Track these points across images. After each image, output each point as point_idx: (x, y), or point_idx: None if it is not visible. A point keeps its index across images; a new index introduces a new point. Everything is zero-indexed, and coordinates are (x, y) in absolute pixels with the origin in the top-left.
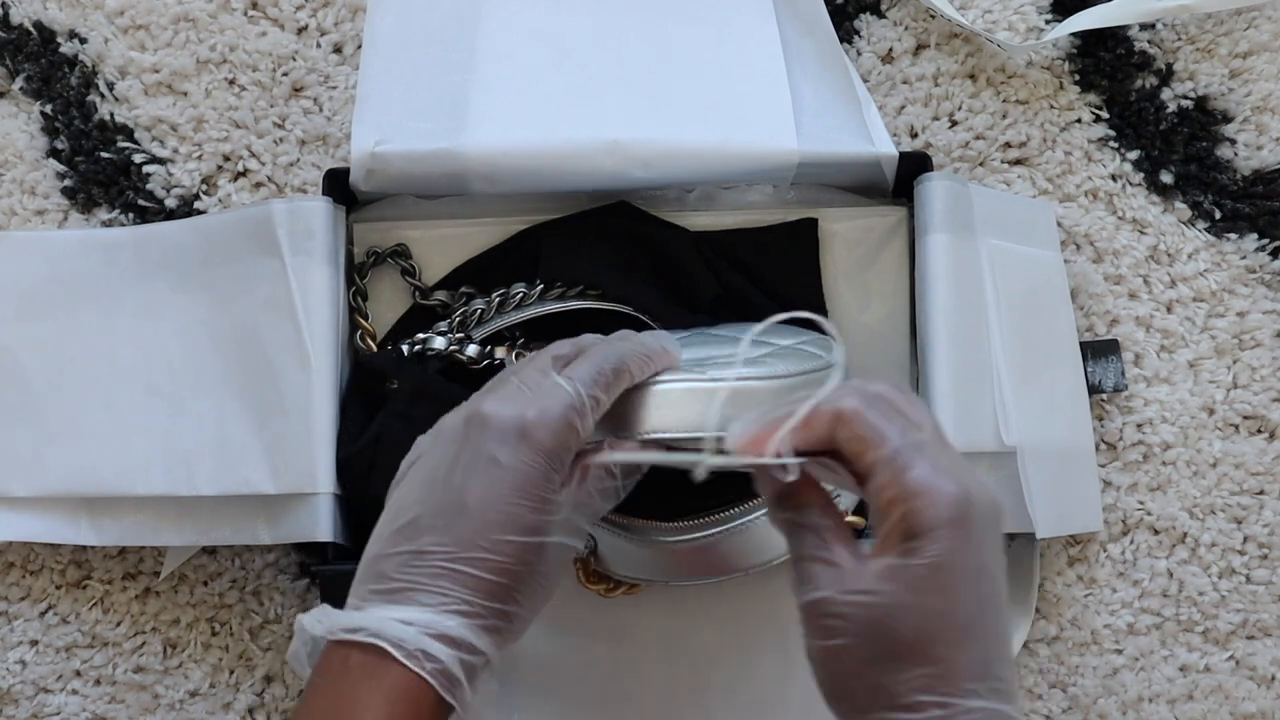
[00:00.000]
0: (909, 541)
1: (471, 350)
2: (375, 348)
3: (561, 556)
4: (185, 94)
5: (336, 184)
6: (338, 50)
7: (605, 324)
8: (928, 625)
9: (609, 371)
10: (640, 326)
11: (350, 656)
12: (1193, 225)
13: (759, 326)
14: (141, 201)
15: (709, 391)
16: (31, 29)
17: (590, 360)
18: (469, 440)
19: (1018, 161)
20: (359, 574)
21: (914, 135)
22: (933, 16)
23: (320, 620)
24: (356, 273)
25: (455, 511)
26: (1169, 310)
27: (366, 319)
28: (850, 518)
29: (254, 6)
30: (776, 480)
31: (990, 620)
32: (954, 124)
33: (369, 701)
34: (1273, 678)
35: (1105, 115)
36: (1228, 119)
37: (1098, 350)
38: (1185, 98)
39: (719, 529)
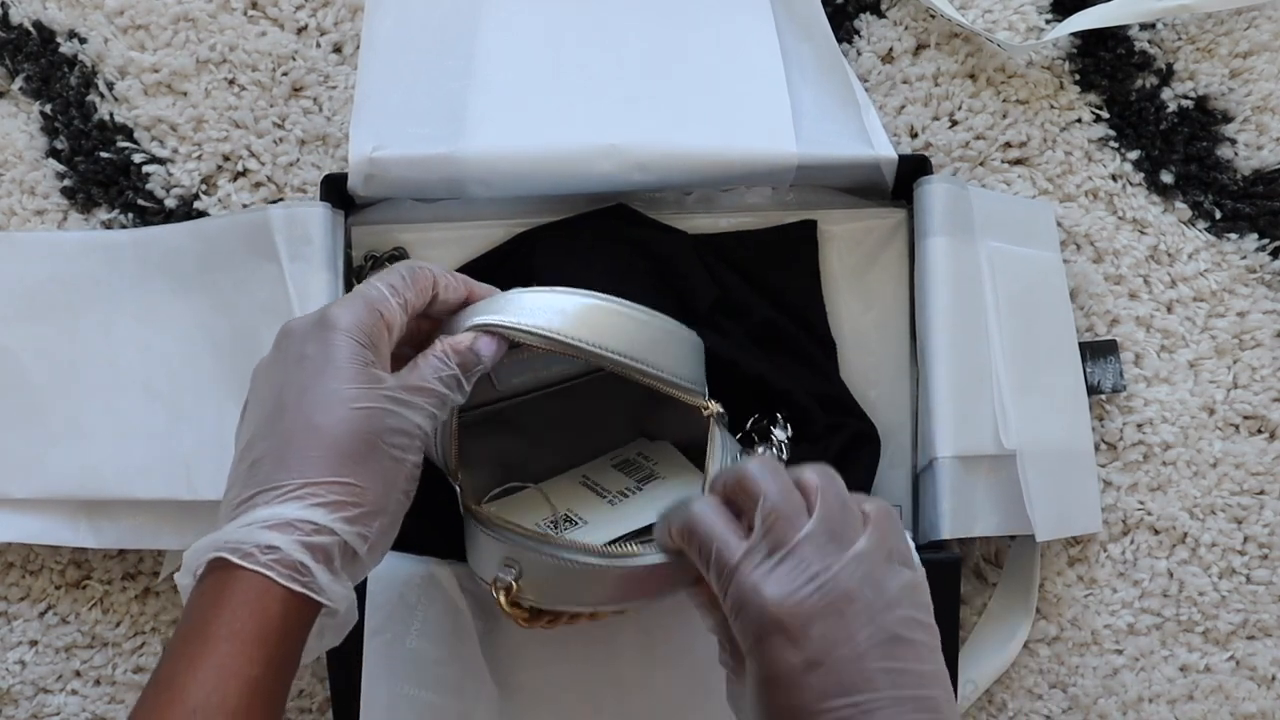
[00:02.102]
0: (749, 655)
1: None
2: None
3: (410, 435)
4: (185, 94)
5: (334, 189)
6: (337, 50)
7: None
8: (778, 709)
9: (405, 269)
10: None
11: (205, 579)
12: (1193, 225)
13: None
14: (141, 201)
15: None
16: (31, 29)
17: (392, 269)
18: (279, 350)
19: (1018, 161)
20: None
21: (914, 135)
22: (933, 16)
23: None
24: (355, 276)
25: (277, 414)
26: (1169, 310)
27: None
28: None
29: (254, 6)
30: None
31: (842, 701)
32: (954, 124)
33: (217, 614)
34: (1273, 678)
35: (1105, 115)
36: (1228, 119)
37: (1097, 351)
38: (1185, 98)
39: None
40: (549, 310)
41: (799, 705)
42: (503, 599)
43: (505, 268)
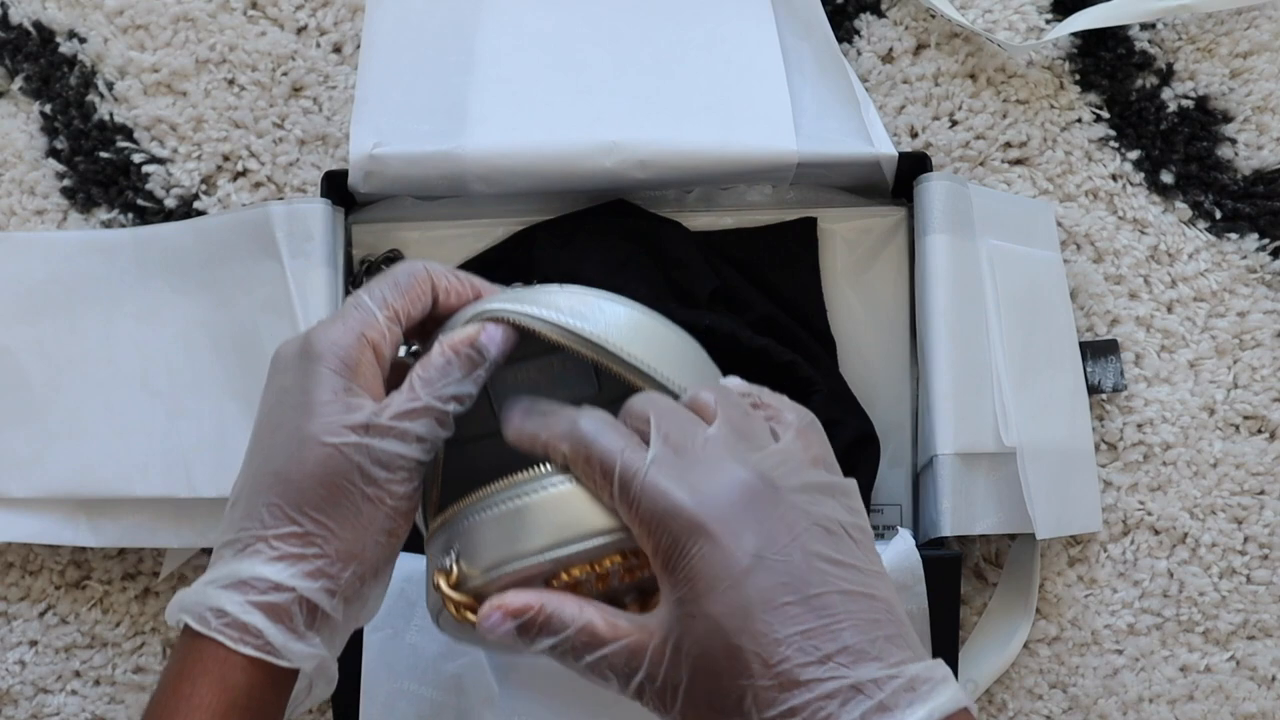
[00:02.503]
0: (667, 572)
1: None
2: None
3: (393, 468)
4: (185, 94)
5: (335, 186)
6: (337, 50)
7: None
8: (721, 651)
9: (399, 275)
10: None
11: (178, 641)
12: (1193, 225)
13: None
14: (141, 201)
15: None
16: (31, 29)
17: (385, 275)
18: (268, 379)
19: (1018, 161)
20: None
21: (914, 135)
22: (933, 16)
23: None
24: (353, 283)
25: (252, 453)
26: (1169, 310)
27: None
28: None
29: (254, 6)
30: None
31: (792, 597)
32: (954, 124)
33: (179, 686)
34: (1273, 678)
35: (1105, 115)
36: (1228, 119)
37: (1097, 350)
38: (1186, 97)
39: None
40: (580, 309)
41: (742, 610)
42: (443, 584)
43: (505, 265)
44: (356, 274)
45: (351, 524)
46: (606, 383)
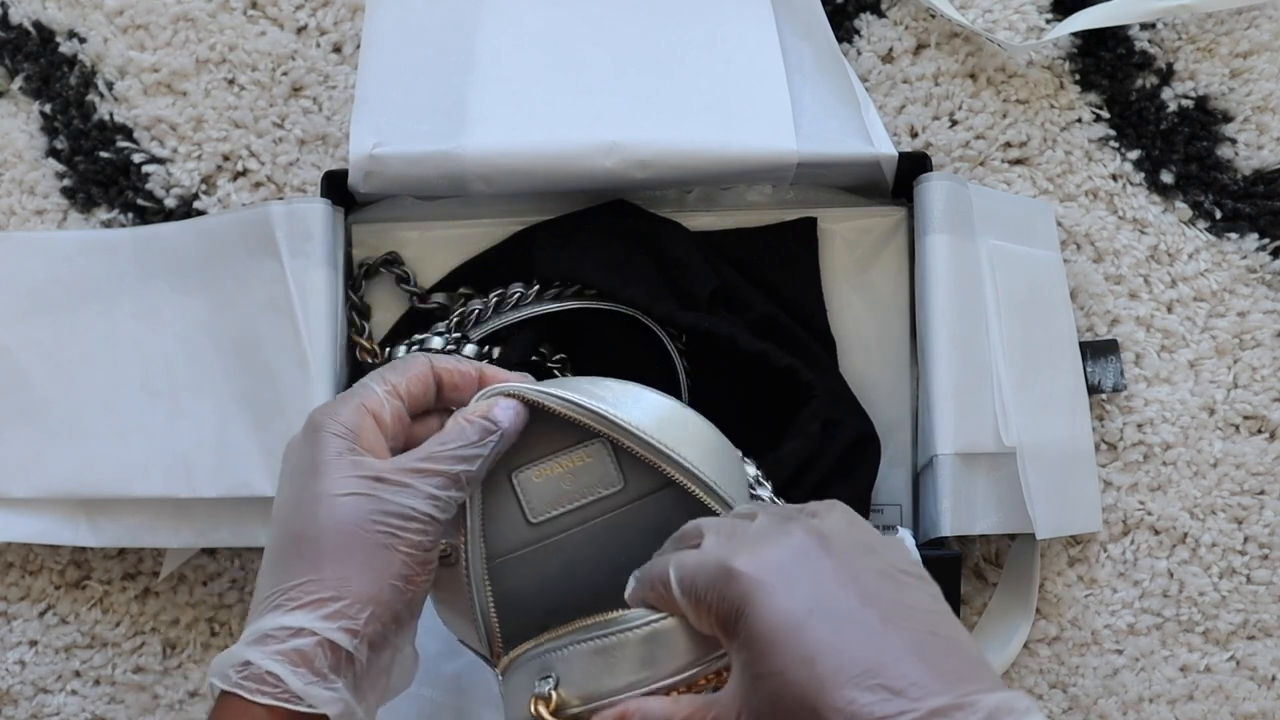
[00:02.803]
0: (730, 636)
1: (469, 350)
2: (372, 361)
3: (403, 518)
4: (185, 94)
5: (335, 186)
6: (337, 50)
7: (602, 322)
8: (792, 704)
9: (399, 361)
10: (636, 325)
11: (213, 708)
12: (1193, 225)
13: None
14: (141, 201)
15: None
16: (31, 29)
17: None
18: (281, 471)
19: (1018, 161)
20: None
21: (914, 135)
22: (933, 16)
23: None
24: (352, 288)
25: (274, 525)
26: (1169, 310)
27: (363, 334)
28: None
29: (254, 6)
30: None
31: (855, 637)
32: (954, 124)
33: None
34: (1273, 678)
35: (1105, 115)
36: (1228, 119)
37: (1097, 350)
38: (1186, 97)
39: None
40: (604, 394)
41: (805, 660)
42: (543, 710)
43: (505, 265)
44: (356, 276)
45: (367, 570)
46: (631, 479)
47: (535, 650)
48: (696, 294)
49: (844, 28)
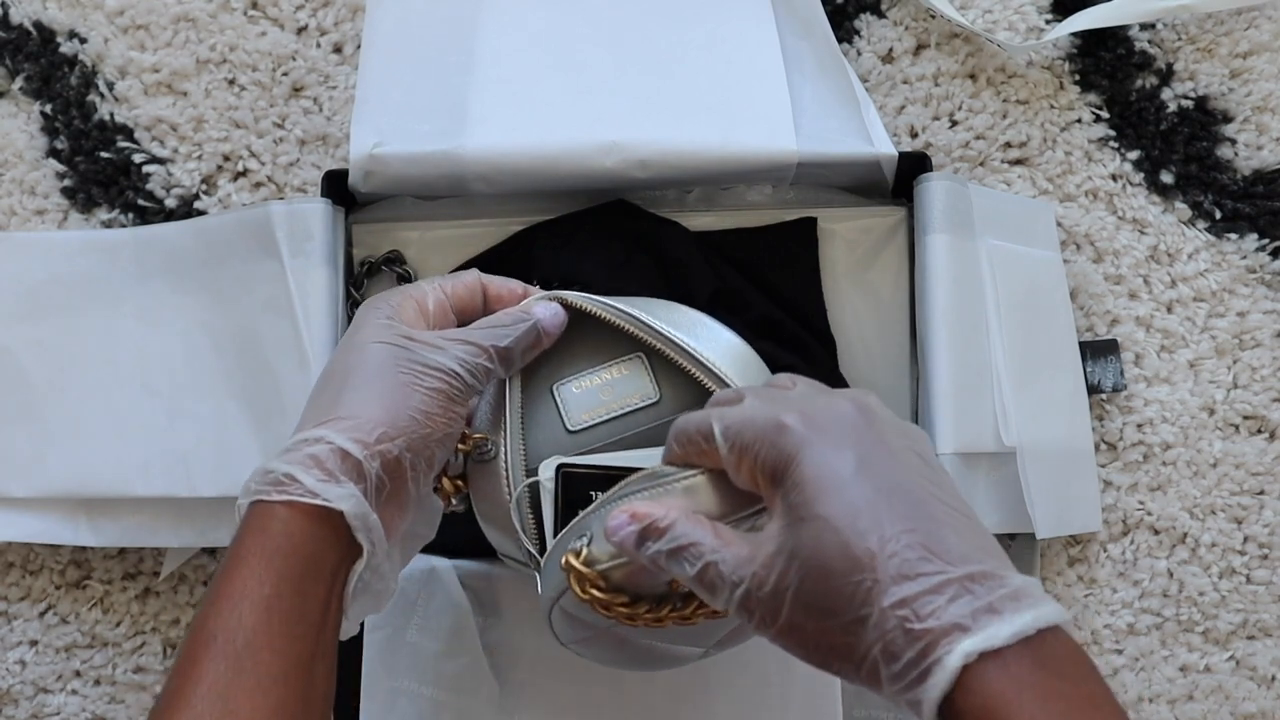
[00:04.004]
0: (775, 485)
1: None
2: None
3: (429, 367)
4: (185, 94)
5: (335, 185)
6: (338, 50)
7: None
8: (834, 549)
9: (453, 274)
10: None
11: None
12: (1193, 225)
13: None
14: (141, 201)
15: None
16: (31, 29)
17: None
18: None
19: (1018, 161)
20: None
21: (914, 135)
22: (933, 16)
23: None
24: (354, 285)
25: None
26: (1169, 310)
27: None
28: None
29: (254, 6)
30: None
31: (899, 499)
32: (954, 124)
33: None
34: (1273, 678)
35: (1105, 115)
36: (1228, 119)
37: (1097, 350)
38: (1185, 98)
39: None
40: (640, 304)
41: (852, 510)
42: (573, 560)
43: (505, 265)
44: (357, 275)
45: (385, 398)
46: (667, 390)
47: (572, 523)
48: (696, 294)
49: (844, 28)
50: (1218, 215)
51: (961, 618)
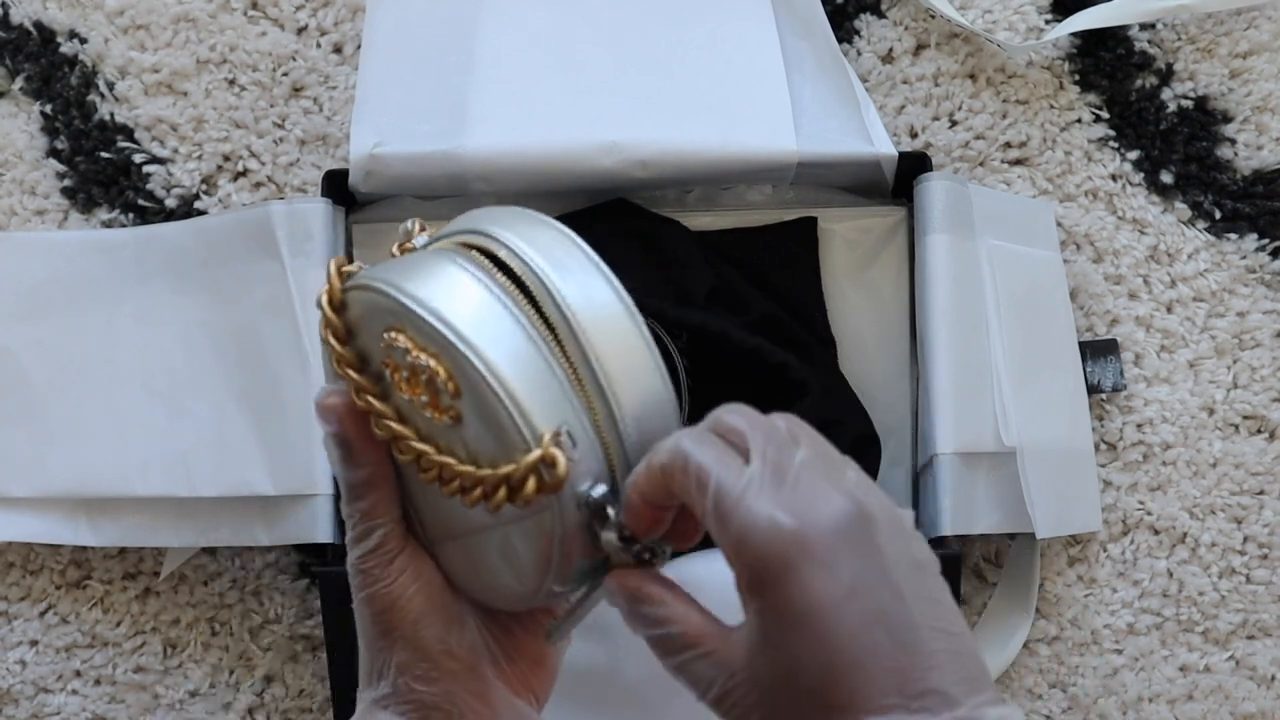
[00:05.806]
0: (753, 595)
1: None
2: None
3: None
4: (185, 94)
5: (335, 185)
6: (338, 50)
7: None
8: (811, 669)
9: None
10: None
11: None
12: (1193, 225)
13: None
14: (141, 201)
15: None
16: (31, 29)
17: None
18: None
19: (1018, 161)
20: None
21: (914, 135)
22: (933, 16)
23: None
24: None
25: None
26: (1169, 310)
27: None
28: None
29: (254, 6)
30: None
31: (884, 633)
32: (954, 124)
33: None
34: (1273, 678)
35: (1105, 115)
36: (1228, 119)
37: (1097, 350)
38: (1185, 98)
39: None
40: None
41: (832, 645)
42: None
43: None
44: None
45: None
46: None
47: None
48: (695, 294)
49: (844, 28)
50: (1218, 215)
51: None
